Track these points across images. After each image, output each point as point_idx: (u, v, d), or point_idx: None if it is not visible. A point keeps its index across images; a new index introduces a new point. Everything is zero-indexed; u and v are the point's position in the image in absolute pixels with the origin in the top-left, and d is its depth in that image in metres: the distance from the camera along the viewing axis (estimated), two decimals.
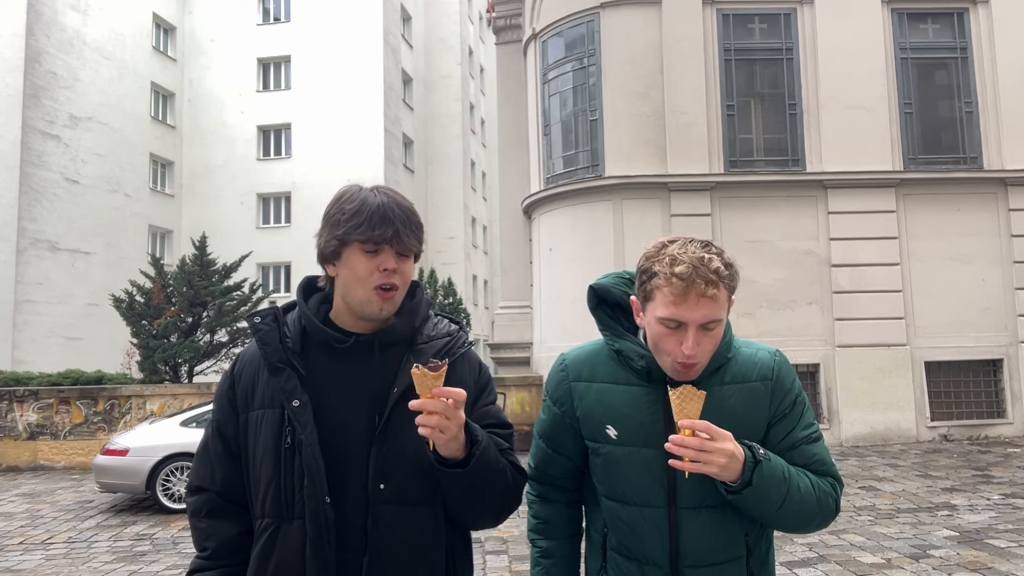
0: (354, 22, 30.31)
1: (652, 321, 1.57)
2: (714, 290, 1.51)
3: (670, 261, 1.53)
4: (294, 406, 1.54)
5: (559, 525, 1.83)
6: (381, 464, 1.54)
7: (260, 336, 1.62)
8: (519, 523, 7.38)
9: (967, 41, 12.86)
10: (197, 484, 1.67)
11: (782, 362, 1.70)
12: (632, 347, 1.67)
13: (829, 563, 5.74)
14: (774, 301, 12.16)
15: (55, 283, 24.08)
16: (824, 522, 1.65)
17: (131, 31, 28.47)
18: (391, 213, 1.56)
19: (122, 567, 6.39)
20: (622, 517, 1.67)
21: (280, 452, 1.55)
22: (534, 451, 1.85)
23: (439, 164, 36.00)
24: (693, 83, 12.56)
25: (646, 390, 1.64)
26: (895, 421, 11.95)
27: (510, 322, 14.96)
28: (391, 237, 1.55)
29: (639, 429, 1.63)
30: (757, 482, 1.51)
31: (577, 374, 1.74)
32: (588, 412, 1.70)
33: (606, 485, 1.70)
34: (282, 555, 1.53)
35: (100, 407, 12.54)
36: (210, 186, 30.74)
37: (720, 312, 1.54)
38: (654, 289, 1.55)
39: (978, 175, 12.51)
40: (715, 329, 1.55)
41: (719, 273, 1.51)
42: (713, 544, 1.62)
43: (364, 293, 1.57)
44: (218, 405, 1.69)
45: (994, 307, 12.29)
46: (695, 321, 1.52)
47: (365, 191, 1.60)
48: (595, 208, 12.72)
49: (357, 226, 1.54)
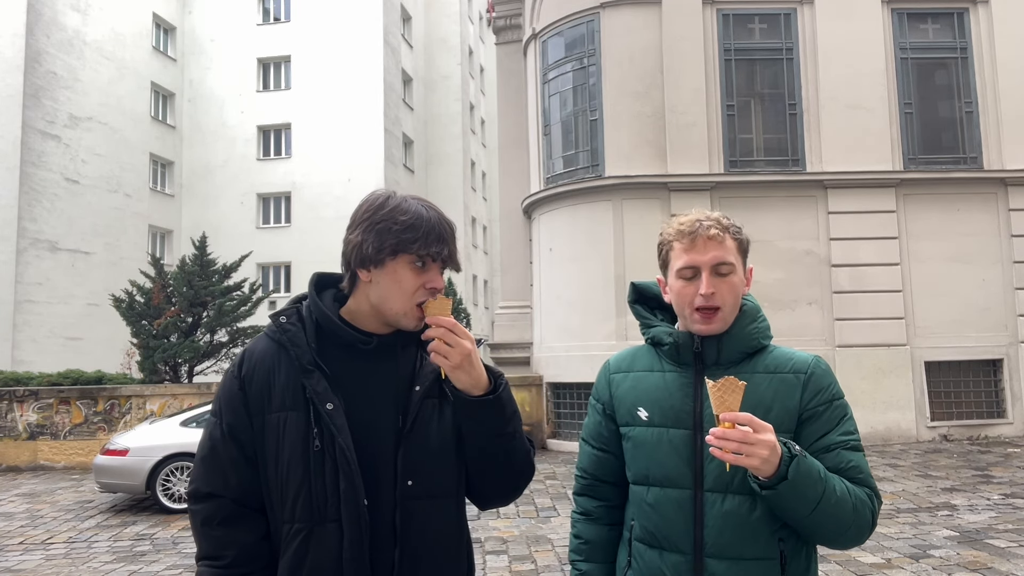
0: (354, 22, 30.31)
1: (673, 281, 1.71)
2: (719, 233, 1.66)
3: (677, 223, 1.72)
4: (328, 409, 1.52)
5: (602, 548, 1.81)
6: (408, 461, 1.56)
7: (289, 337, 1.59)
8: (519, 523, 7.38)
9: (967, 41, 12.86)
10: (207, 490, 1.59)
11: (821, 364, 1.72)
12: (663, 329, 1.77)
13: (829, 563, 5.74)
14: (774, 301, 12.14)
15: (55, 283, 24.08)
16: (860, 535, 1.60)
17: (131, 31, 28.47)
18: (445, 232, 1.58)
19: (122, 567, 6.39)
20: (648, 500, 1.67)
21: (309, 456, 1.53)
22: (581, 457, 1.88)
23: (439, 164, 35.99)
24: (693, 83, 12.56)
25: (679, 375, 1.71)
26: (895, 421, 11.95)
27: (510, 322, 14.96)
28: (446, 256, 1.58)
29: (669, 411, 1.68)
30: (793, 476, 1.47)
31: (617, 367, 1.84)
32: (623, 398, 1.77)
33: (634, 469, 1.73)
34: (316, 559, 1.52)
35: (100, 407, 12.54)
36: (210, 186, 30.73)
37: (730, 256, 1.67)
38: (668, 251, 1.73)
39: (978, 175, 12.50)
40: (729, 275, 1.67)
41: (721, 222, 1.69)
42: (738, 535, 1.59)
43: (403, 307, 1.57)
44: (227, 407, 1.61)
45: (994, 307, 12.29)
46: (706, 263, 1.65)
47: (413, 202, 1.60)
48: (595, 208, 12.72)
49: (414, 240, 1.54)
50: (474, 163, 39.02)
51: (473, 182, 38.51)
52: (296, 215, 30.01)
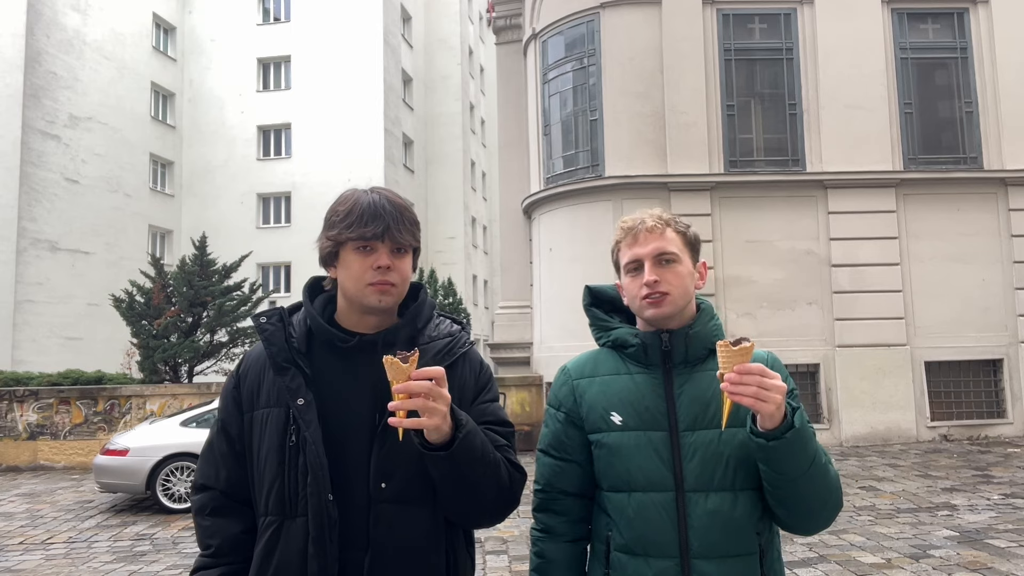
0: (354, 22, 30.31)
1: (623, 279, 1.76)
2: (658, 227, 1.71)
3: (621, 223, 1.79)
4: (299, 404, 1.55)
5: (565, 566, 1.74)
6: (382, 463, 1.55)
7: (266, 336, 1.64)
8: (519, 523, 7.38)
9: (967, 41, 12.86)
10: (202, 482, 1.69)
11: (774, 357, 1.74)
12: (626, 331, 1.77)
13: (829, 563, 5.74)
14: (774, 301, 12.16)
15: (55, 283, 24.07)
16: (832, 513, 1.64)
17: (131, 31, 28.47)
18: (381, 210, 1.58)
19: (122, 567, 6.39)
20: (630, 506, 1.65)
21: (285, 450, 1.57)
22: (540, 470, 1.79)
23: (439, 164, 35.99)
24: (693, 83, 12.56)
25: (648, 376, 1.70)
26: (895, 421, 11.95)
27: (510, 322, 14.96)
28: (382, 233, 1.57)
29: (644, 413, 1.66)
30: (800, 424, 1.48)
31: (580, 373, 1.80)
32: (592, 403, 1.73)
33: (610, 477, 1.68)
34: (284, 552, 1.54)
35: (100, 407, 12.54)
36: (210, 186, 30.73)
37: (671, 246, 1.70)
38: (617, 252, 1.79)
39: (978, 175, 12.51)
40: (674, 264, 1.70)
41: (661, 217, 1.74)
42: (723, 533, 1.60)
43: (357, 290, 1.59)
44: (223, 404, 1.70)
45: (994, 307, 12.29)
46: (648, 255, 1.70)
47: (359, 192, 1.63)
48: (595, 208, 12.72)
49: (348, 225, 1.57)
50: (474, 163, 39.01)
51: (473, 182, 38.51)
52: (296, 215, 29.99)
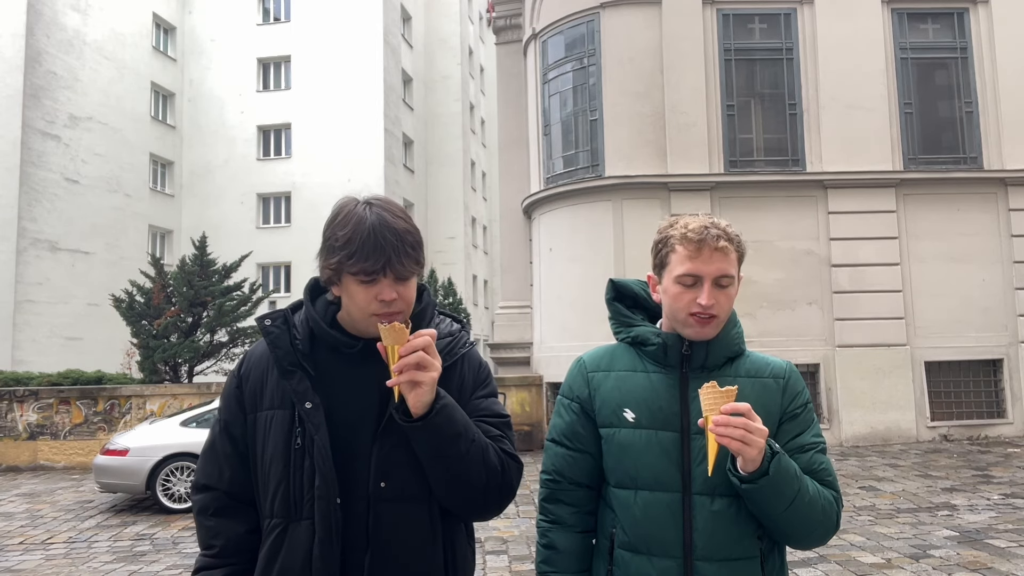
0: (354, 22, 30.30)
1: (669, 284, 1.68)
2: (726, 244, 1.64)
3: (683, 225, 1.67)
4: (307, 408, 1.55)
5: (575, 557, 1.73)
6: (382, 462, 1.56)
7: (271, 339, 1.63)
8: (519, 523, 7.38)
9: (967, 41, 12.86)
10: (204, 482, 1.68)
11: (795, 369, 1.77)
12: (647, 331, 1.75)
13: (829, 563, 5.74)
14: (774, 301, 12.15)
15: (55, 283, 24.07)
16: (824, 536, 1.66)
17: (131, 31, 28.46)
18: (382, 240, 1.50)
19: (122, 567, 6.39)
20: (636, 504, 1.65)
21: (290, 453, 1.57)
22: (550, 460, 1.77)
23: (439, 164, 35.99)
24: (693, 83, 12.56)
25: (664, 376, 1.70)
26: (895, 421, 11.95)
27: (510, 322, 14.96)
28: (383, 267, 1.51)
29: (657, 412, 1.66)
30: (774, 472, 1.51)
31: (595, 366, 1.79)
32: (606, 398, 1.72)
33: (618, 472, 1.68)
34: (289, 555, 1.54)
35: (100, 407, 12.54)
36: (210, 186, 30.72)
37: (732, 268, 1.65)
38: (669, 252, 1.68)
39: (978, 175, 12.51)
40: (728, 287, 1.65)
41: (728, 231, 1.65)
42: (726, 536, 1.61)
43: (363, 321, 1.58)
44: (225, 404, 1.69)
45: (994, 307, 12.29)
46: (710, 274, 1.62)
47: (358, 211, 1.54)
48: (595, 208, 12.72)
49: (349, 256, 1.51)
50: (474, 163, 39.01)
51: (473, 182, 38.51)
52: (296, 215, 30.00)
